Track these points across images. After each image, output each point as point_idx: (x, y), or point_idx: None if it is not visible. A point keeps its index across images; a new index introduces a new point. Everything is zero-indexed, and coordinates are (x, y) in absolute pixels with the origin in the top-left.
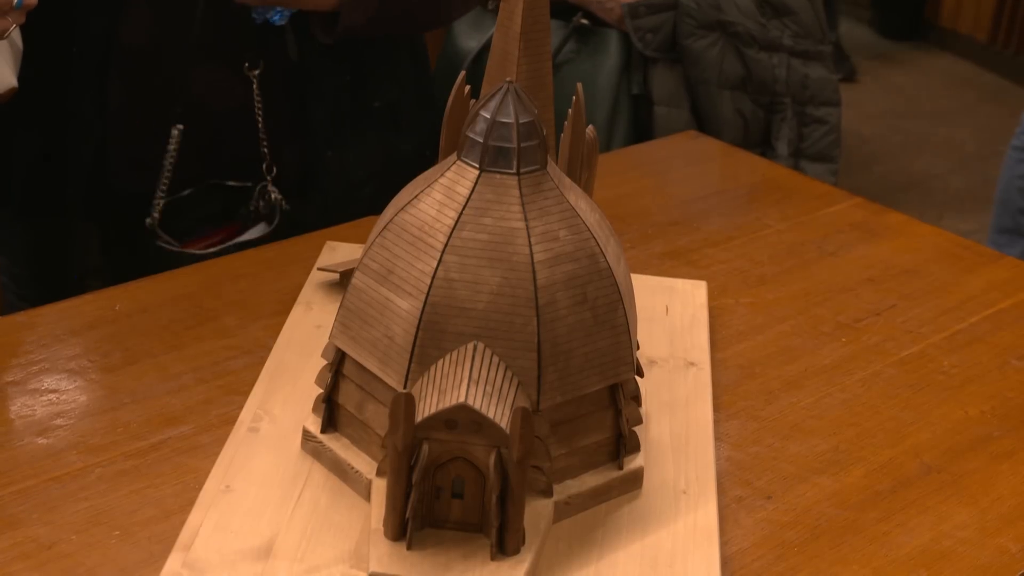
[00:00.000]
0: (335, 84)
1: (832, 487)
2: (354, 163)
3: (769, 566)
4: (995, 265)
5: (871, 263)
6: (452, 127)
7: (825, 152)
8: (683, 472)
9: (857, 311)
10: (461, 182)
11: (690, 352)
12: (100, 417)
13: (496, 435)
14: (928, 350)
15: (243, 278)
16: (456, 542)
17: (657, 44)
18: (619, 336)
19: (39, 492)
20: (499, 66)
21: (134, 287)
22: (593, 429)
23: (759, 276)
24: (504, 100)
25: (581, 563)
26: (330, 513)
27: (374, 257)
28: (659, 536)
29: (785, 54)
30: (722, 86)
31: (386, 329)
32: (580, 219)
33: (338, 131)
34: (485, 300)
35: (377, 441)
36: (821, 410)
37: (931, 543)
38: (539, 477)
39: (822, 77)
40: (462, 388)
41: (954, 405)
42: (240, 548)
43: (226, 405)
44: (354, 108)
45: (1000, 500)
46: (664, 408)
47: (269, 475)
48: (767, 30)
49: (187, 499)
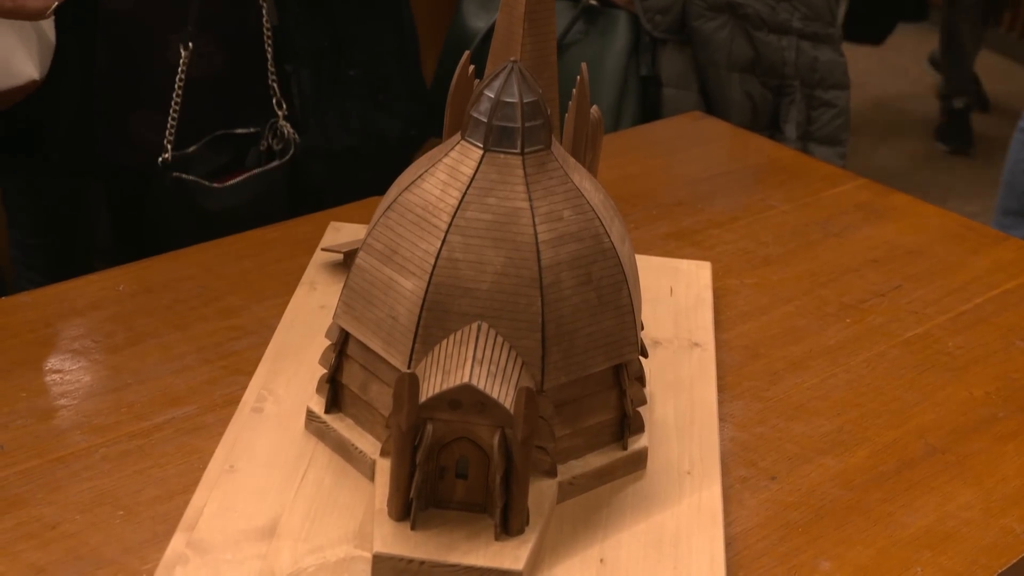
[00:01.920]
0: (313, 49)
1: (836, 468)
2: (333, 134)
3: (773, 546)
4: (1000, 246)
5: (876, 244)
6: (456, 107)
7: (834, 135)
8: (687, 452)
9: (862, 292)
10: (465, 162)
11: (694, 333)
12: (104, 397)
13: (500, 415)
14: (933, 331)
15: (247, 258)
16: (460, 522)
17: (666, 25)
18: (623, 316)
19: (43, 472)
20: (503, 46)
21: (138, 267)
22: (597, 409)
23: (764, 257)
24: (508, 80)
25: (585, 543)
26: (334, 493)
27: (378, 237)
28: (663, 516)
29: (794, 36)
30: (731, 68)
31: (390, 309)
32: (584, 199)
33: (318, 99)
34: (489, 280)
35: (381, 421)
36: (826, 391)
37: (935, 524)
38: (543, 457)
39: (831, 60)
40: (466, 368)
41: (959, 386)
42: (244, 528)
43: (230, 385)
44: (332, 75)
45: (1004, 481)
46: (668, 389)
47: (273, 455)
48: (776, 12)
49: (191, 479)
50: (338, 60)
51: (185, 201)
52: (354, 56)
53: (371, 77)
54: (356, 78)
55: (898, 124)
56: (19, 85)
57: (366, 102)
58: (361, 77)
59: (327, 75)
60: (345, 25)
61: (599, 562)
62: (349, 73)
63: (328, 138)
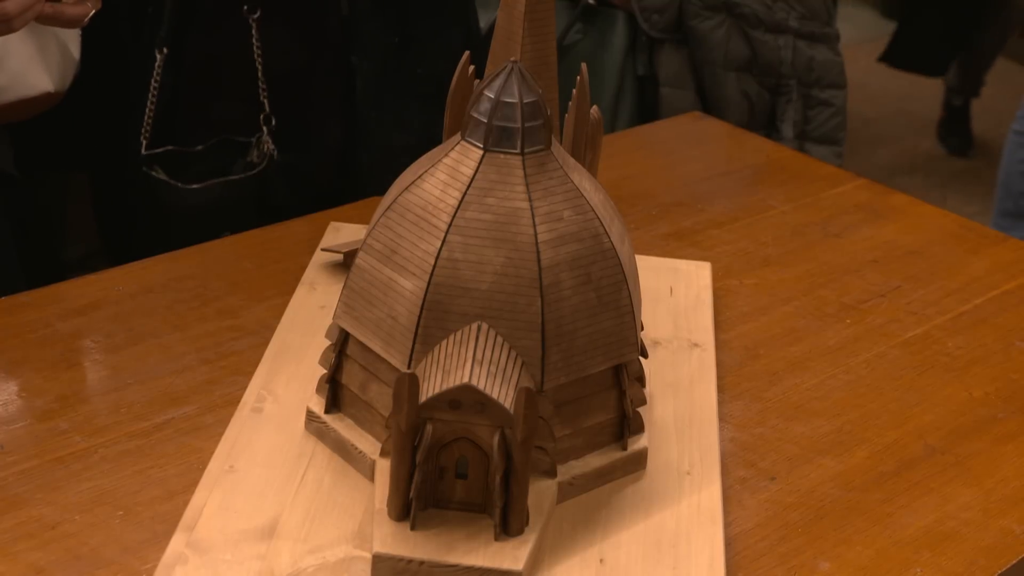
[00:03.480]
0: (382, 43)
1: (836, 468)
2: (393, 129)
3: (773, 547)
4: (1000, 247)
5: (876, 244)
6: (456, 107)
7: (830, 134)
8: (687, 453)
9: (861, 292)
10: (465, 162)
11: (694, 333)
12: (104, 397)
13: (500, 415)
14: (932, 331)
15: (246, 258)
16: (460, 522)
17: (663, 25)
18: (623, 317)
19: (43, 472)
20: (503, 46)
21: (138, 267)
22: (597, 410)
23: (763, 257)
24: (508, 80)
25: (585, 544)
26: (334, 493)
27: (378, 237)
28: (663, 517)
29: (791, 36)
30: (728, 67)
31: (390, 309)
32: (584, 199)
33: (381, 94)
34: (489, 280)
35: (381, 421)
36: (825, 391)
37: (935, 524)
38: (543, 457)
39: (828, 59)
40: (466, 368)
41: (958, 387)
42: (244, 528)
43: (230, 385)
44: (399, 72)
45: (1004, 482)
46: (668, 389)
47: (273, 455)
48: (773, 11)
49: (191, 479)
50: (405, 57)
51: (151, 197)
52: (423, 54)
53: (438, 77)
54: (422, 76)
55: (898, 124)
56: (33, 96)
57: (429, 101)
58: (427, 76)
59: (392, 71)
60: (415, 22)
61: (599, 562)
62: (417, 71)
63: (387, 135)
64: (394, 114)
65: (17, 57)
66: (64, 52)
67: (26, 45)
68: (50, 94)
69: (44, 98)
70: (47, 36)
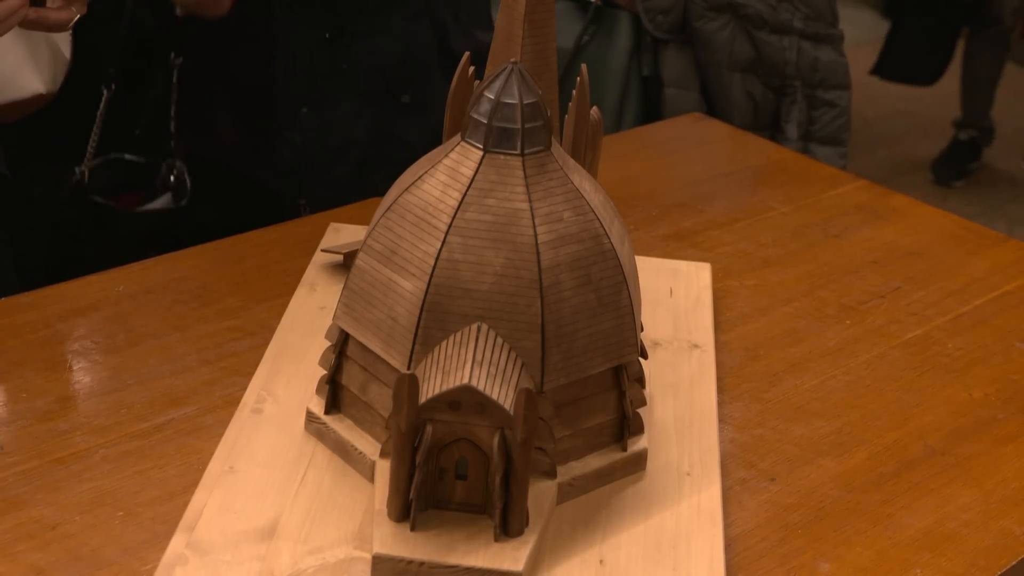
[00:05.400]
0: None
1: (836, 469)
2: (331, 125)
3: (773, 548)
4: (1000, 247)
5: (876, 245)
6: (456, 108)
7: (835, 135)
8: (687, 454)
9: (861, 293)
10: (465, 163)
11: (694, 334)
12: (104, 398)
13: (500, 416)
14: (932, 332)
15: (246, 259)
16: (460, 523)
17: (668, 25)
18: (623, 317)
19: (43, 473)
20: (503, 47)
21: (138, 268)
22: (597, 410)
23: (763, 258)
24: (508, 81)
25: (585, 544)
26: (334, 494)
27: (378, 238)
28: (663, 518)
29: (796, 37)
30: (732, 68)
31: (390, 310)
32: (584, 200)
33: (312, 90)
34: (489, 281)
35: (381, 422)
36: (825, 392)
37: (935, 525)
38: (543, 458)
39: (832, 60)
40: (466, 369)
41: (958, 388)
42: (244, 529)
43: (230, 386)
44: (328, 67)
45: (1004, 483)
46: (668, 390)
47: (273, 456)
48: (778, 12)
49: (191, 480)
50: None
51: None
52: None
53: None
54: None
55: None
56: (24, 98)
57: (379, 97)
58: (373, 71)
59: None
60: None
61: (599, 563)
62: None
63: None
64: (330, 110)
65: (8, 59)
66: (55, 53)
67: (17, 47)
68: (41, 95)
69: (35, 99)
70: (38, 37)
